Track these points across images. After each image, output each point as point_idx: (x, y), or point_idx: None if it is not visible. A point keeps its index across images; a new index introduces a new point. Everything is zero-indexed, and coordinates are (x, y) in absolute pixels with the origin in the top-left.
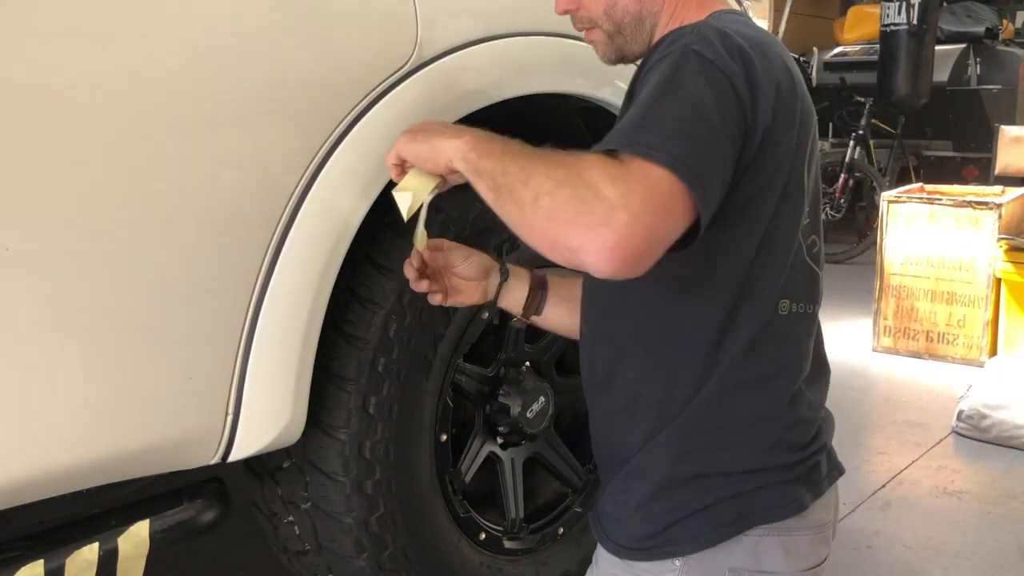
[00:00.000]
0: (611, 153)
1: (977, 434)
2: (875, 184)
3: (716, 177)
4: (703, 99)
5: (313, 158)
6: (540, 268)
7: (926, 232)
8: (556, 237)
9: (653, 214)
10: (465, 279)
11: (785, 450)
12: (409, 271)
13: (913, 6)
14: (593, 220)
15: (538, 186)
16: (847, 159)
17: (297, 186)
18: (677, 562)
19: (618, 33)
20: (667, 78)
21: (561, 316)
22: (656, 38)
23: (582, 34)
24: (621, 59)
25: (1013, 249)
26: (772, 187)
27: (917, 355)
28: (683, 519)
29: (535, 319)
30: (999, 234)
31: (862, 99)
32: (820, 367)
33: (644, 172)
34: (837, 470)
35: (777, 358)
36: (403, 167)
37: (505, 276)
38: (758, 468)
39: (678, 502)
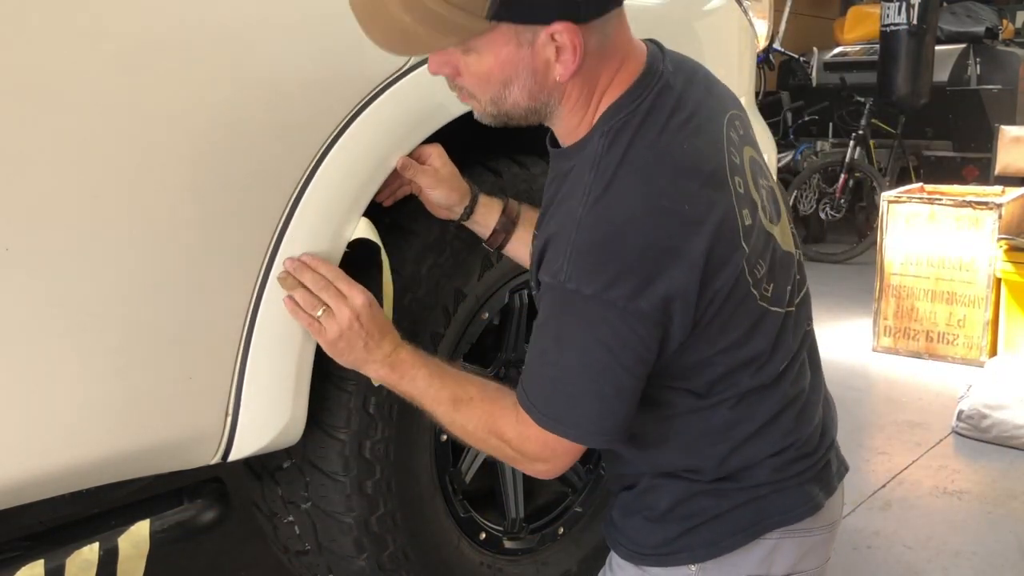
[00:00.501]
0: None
1: (977, 434)
2: (875, 184)
3: (621, 410)
4: (596, 355)
5: (312, 157)
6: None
7: (926, 232)
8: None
9: (566, 458)
10: (432, 204)
11: (798, 460)
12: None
13: (913, 6)
14: (525, 469)
15: (462, 430)
16: (847, 159)
17: (296, 185)
18: (692, 568)
19: (504, 116)
20: (555, 332)
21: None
22: (560, 127)
23: None
24: (507, 125)
25: (1013, 249)
26: (720, 315)
27: (917, 355)
28: (698, 525)
29: (505, 251)
30: (999, 234)
31: (862, 99)
32: (813, 366)
33: (550, 441)
34: (844, 466)
35: (771, 405)
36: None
37: (469, 212)
38: (774, 480)
39: (694, 510)
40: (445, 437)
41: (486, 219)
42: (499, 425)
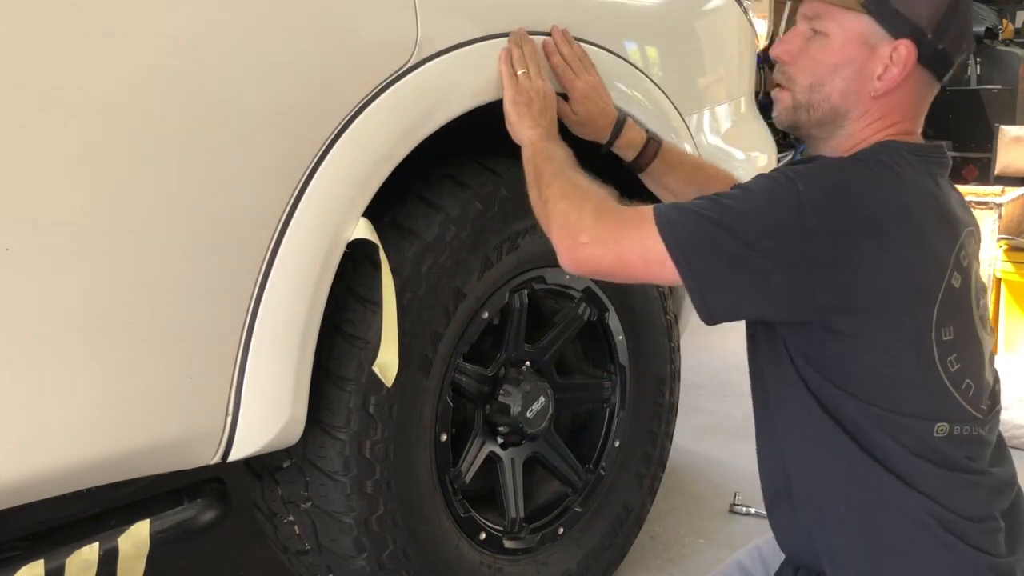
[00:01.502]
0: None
1: None
2: None
3: (721, 277)
4: (763, 222)
5: (312, 157)
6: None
7: None
8: (547, 228)
9: (614, 258)
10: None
11: None
12: None
13: None
14: (565, 233)
15: (550, 193)
16: None
17: (296, 185)
18: None
19: (805, 110)
20: (756, 191)
21: (673, 179)
22: (833, 140)
23: (582, 35)
24: (792, 128)
25: (1013, 249)
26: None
27: None
28: None
29: (642, 176)
30: (999, 234)
31: None
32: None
33: (642, 222)
34: None
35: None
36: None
37: (619, 130)
38: None
39: None
40: (445, 437)
41: (635, 134)
42: (606, 207)
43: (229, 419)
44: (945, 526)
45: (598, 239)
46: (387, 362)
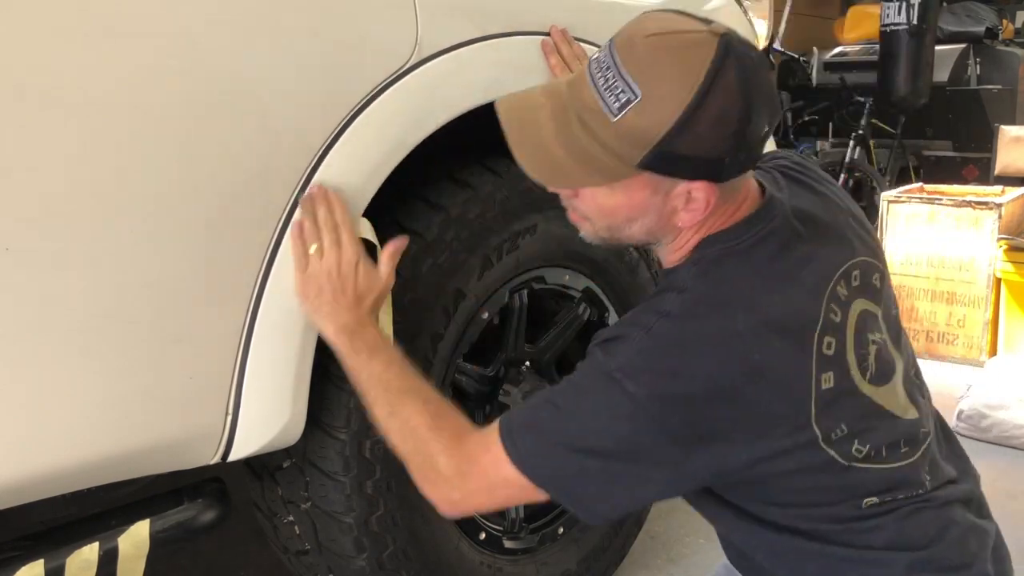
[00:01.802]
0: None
1: (977, 434)
2: (875, 184)
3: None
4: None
5: (312, 157)
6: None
7: (926, 232)
8: (409, 470)
9: (483, 495)
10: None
11: None
12: None
13: (913, 6)
14: (431, 489)
15: (397, 432)
16: (847, 159)
17: (296, 185)
18: None
19: (613, 242)
20: (589, 398)
21: None
22: (659, 251)
23: (578, 35)
24: (607, 245)
25: (1013, 249)
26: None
27: (917, 355)
28: None
29: None
30: (999, 234)
31: (862, 99)
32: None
33: (493, 464)
34: None
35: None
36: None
37: None
38: None
39: None
40: None
41: None
42: (438, 434)
43: (229, 419)
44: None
45: (468, 493)
46: None
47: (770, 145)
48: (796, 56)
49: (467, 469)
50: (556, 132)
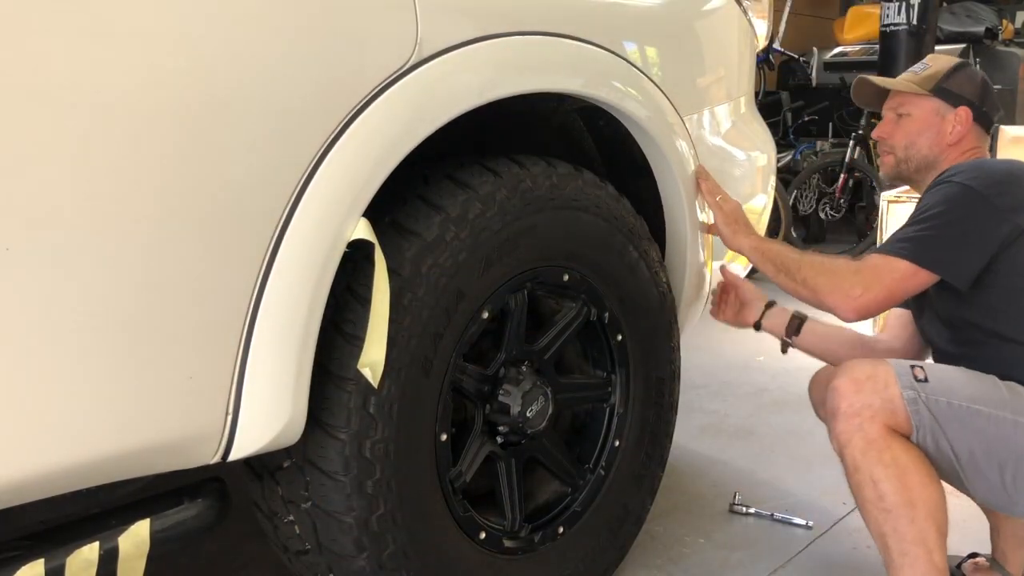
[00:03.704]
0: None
1: None
2: (875, 184)
3: (959, 254)
4: (956, 211)
5: (312, 157)
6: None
7: None
8: (818, 299)
9: (886, 291)
10: (745, 300)
11: None
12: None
13: (913, 6)
14: (841, 296)
15: (804, 275)
16: (847, 159)
17: (296, 184)
18: None
19: (904, 162)
20: (935, 201)
21: (814, 344)
22: (931, 177)
23: (578, 34)
24: (897, 178)
25: None
26: None
27: None
28: None
29: (795, 340)
30: None
31: None
32: None
33: (889, 267)
34: None
35: None
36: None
37: (770, 304)
38: None
39: None
40: (445, 437)
41: (782, 309)
42: (843, 265)
43: (229, 419)
44: None
45: (868, 288)
46: (374, 361)
47: (769, 145)
48: (796, 56)
49: (871, 280)
50: (911, 83)
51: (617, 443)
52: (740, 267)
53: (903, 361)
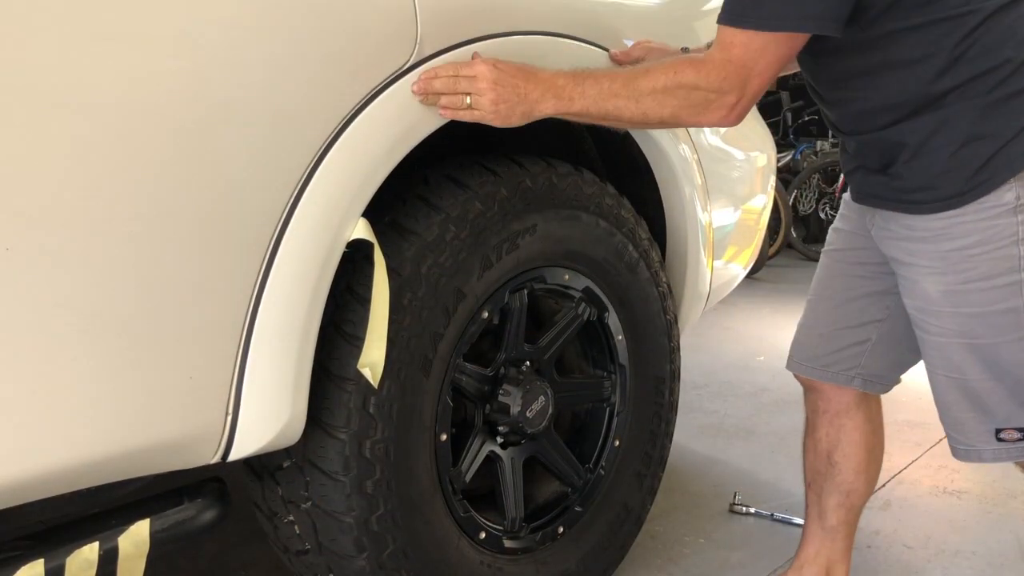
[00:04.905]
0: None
1: None
2: None
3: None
4: None
5: (312, 156)
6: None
7: None
8: (679, 122)
9: (751, 74)
10: None
11: None
12: None
13: None
14: (700, 110)
15: (648, 103)
16: None
17: (296, 184)
18: (1013, 183)
19: None
20: None
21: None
22: None
23: (579, 35)
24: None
25: None
26: None
27: None
28: (1008, 143)
29: None
30: None
31: None
32: None
33: (759, 40)
34: None
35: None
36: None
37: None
38: None
39: (999, 123)
40: (445, 437)
41: None
42: (683, 72)
43: (229, 419)
44: None
45: (725, 90)
46: (374, 361)
47: (768, 145)
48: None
49: (728, 71)
50: None
51: (617, 443)
52: (741, 267)
53: None
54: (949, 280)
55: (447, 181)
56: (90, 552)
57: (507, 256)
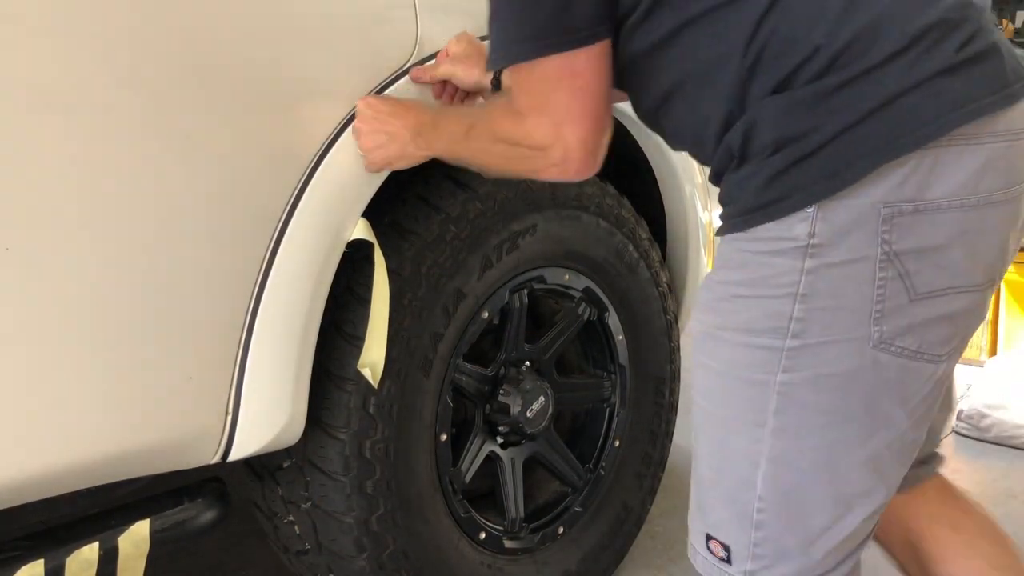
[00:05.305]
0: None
1: (977, 434)
2: None
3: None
4: None
5: (312, 156)
6: None
7: None
8: (524, 175)
9: (555, 122)
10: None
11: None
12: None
13: None
14: (546, 171)
15: (484, 157)
16: None
17: (296, 184)
18: (809, 210)
19: None
20: None
21: None
22: None
23: None
24: None
25: None
26: None
27: None
28: (809, 155)
29: None
30: None
31: None
32: None
33: (536, 77)
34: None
35: None
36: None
37: (497, 82)
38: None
39: (795, 133)
40: (445, 437)
41: None
42: (499, 123)
43: (229, 419)
44: None
45: (543, 146)
46: (374, 361)
47: None
48: None
49: (549, 117)
50: None
51: (617, 443)
52: None
53: None
54: (707, 321)
55: (447, 181)
56: (90, 552)
57: (507, 256)
